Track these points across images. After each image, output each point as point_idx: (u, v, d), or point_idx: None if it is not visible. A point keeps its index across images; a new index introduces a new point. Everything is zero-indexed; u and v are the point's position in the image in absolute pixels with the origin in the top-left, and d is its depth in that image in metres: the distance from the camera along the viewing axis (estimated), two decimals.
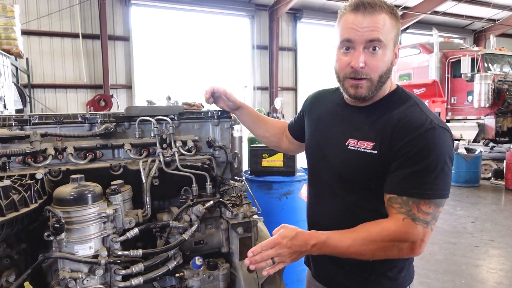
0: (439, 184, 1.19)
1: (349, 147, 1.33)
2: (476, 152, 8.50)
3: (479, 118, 10.65)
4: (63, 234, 1.27)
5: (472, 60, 10.45)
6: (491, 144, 10.68)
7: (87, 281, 1.33)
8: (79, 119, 1.67)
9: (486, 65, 10.73)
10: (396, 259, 1.35)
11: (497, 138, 10.42)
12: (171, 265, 1.50)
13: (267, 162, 3.17)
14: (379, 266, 1.34)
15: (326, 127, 1.46)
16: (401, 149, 1.21)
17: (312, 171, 1.54)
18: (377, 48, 1.23)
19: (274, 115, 14.22)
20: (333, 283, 1.46)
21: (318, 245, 1.22)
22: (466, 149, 8.89)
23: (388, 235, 1.20)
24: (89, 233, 1.35)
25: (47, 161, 1.52)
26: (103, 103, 11.73)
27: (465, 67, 10.36)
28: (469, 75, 10.34)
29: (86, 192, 1.34)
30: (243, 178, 1.93)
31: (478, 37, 19.80)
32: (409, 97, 1.33)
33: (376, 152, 1.26)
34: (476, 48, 12.06)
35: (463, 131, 10.94)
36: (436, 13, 16.41)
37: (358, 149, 1.30)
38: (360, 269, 1.37)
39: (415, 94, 1.40)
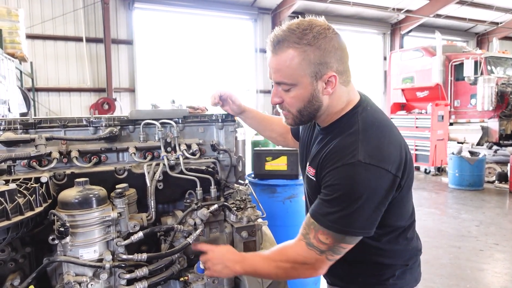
0: (343, 219, 1.15)
1: (306, 172, 1.39)
2: (480, 155, 8.46)
3: (483, 121, 10.63)
4: (67, 237, 1.27)
5: (475, 63, 10.44)
6: (495, 147, 10.64)
7: (91, 285, 1.32)
8: (84, 122, 1.67)
9: (489, 68, 10.71)
10: (388, 266, 1.37)
11: (500, 141, 10.39)
12: (176, 269, 1.49)
13: (270, 165, 3.16)
14: (367, 271, 1.38)
15: (304, 148, 1.52)
16: (323, 178, 1.22)
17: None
18: (286, 87, 1.24)
19: None
20: (331, 283, 1.52)
21: (241, 263, 1.33)
22: (469, 152, 8.84)
23: (286, 256, 1.26)
24: (93, 237, 1.35)
25: (52, 165, 1.52)
26: (106, 107, 11.79)
27: (468, 70, 10.35)
28: (472, 78, 10.33)
29: (90, 195, 1.34)
30: (247, 181, 1.92)
31: (481, 40, 19.76)
32: (354, 122, 1.24)
33: (315, 179, 1.30)
34: (479, 51, 12.05)
35: (467, 134, 10.91)
36: (438, 16, 16.39)
37: (308, 175, 1.36)
38: (349, 272, 1.41)
39: (420, 97, 1.39)
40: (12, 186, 1.21)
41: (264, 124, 1.87)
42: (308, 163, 1.38)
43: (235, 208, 1.66)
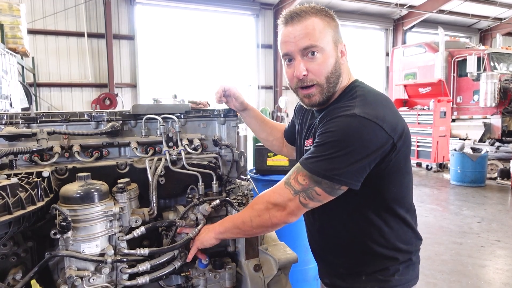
0: (324, 163, 1.17)
1: (305, 148, 1.42)
2: (482, 152, 8.44)
3: (485, 118, 10.58)
4: (69, 232, 1.27)
5: (478, 59, 10.38)
6: (497, 143, 10.61)
7: (93, 279, 1.32)
8: (86, 117, 1.66)
9: (492, 64, 10.65)
10: (392, 259, 1.36)
11: (503, 138, 10.35)
12: (177, 264, 1.49)
13: (272, 161, 3.16)
14: (370, 267, 1.37)
15: (301, 133, 1.55)
16: (319, 130, 1.25)
17: None
18: (315, 52, 1.27)
19: (278, 114, 14.20)
20: (330, 283, 1.51)
21: (219, 222, 1.44)
22: (472, 148, 8.82)
23: (262, 197, 1.29)
24: (95, 232, 1.34)
25: (54, 159, 1.51)
26: (108, 102, 11.78)
27: (471, 66, 10.30)
28: (475, 74, 10.28)
29: (92, 190, 1.34)
30: (248, 177, 1.92)
31: (484, 36, 19.66)
32: (353, 93, 1.31)
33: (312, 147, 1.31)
34: (482, 47, 11.98)
35: (469, 131, 10.88)
36: (441, 12, 16.30)
37: (306, 148, 1.39)
38: (351, 270, 1.41)
39: (422, 93, 1.43)
40: (14, 180, 1.20)
41: (264, 126, 1.88)
42: (306, 139, 1.44)
43: (237, 204, 1.65)
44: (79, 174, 1.37)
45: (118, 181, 1.48)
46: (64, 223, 1.23)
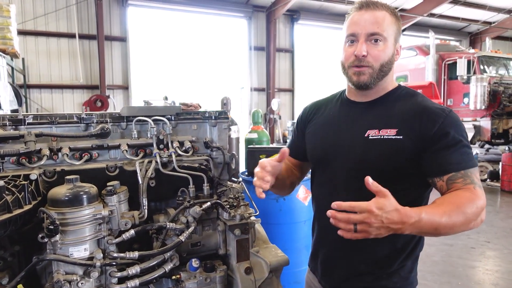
0: (472, 154, 1.31)
1: (370, 137, 1.36)
2: None
3: (475, 120, 10.70)
4: (57, 236, 1.25)
5: (468, 62, 10.49)
6: (487, 146, 10.73)
7: (82, 283, 1.30)
8: (75, 119, 1.65)
9: (482, 67, 10.78)
10: (406, 259, 1.42)
11: (492, 140, 10.47)
12: (168, 267, 1.48)
13: None
14: (390, 265, 1.39)
15: (338, 127, 1.47)
16: (436, 133, 1.28)
17: (323, 173, 1.51)
18: (378, 40, 1.35)
19: (271, 116, 14.23)
20: (344, 286, 1.45)
21: (416, 223, 1.11)
22: None
23: (476, 203, 1.21)
24: (84, 235, 1.33)
25: (42, 162, 1.50)
26: (99, 104, 11.68)
27: (461, 69, 10.40)
28: (465, 77, 10.38)
29: (81, 193, 1.32)
30: (240, 179, 1.91)
31: (474, 39, 19.90)
32: (414, 91, 1.46)
33: (401, 137, 1.31)
34: (472, 51, 12.13)
35: None
36: (432, 15, 16.47)
37: (382, 137, 1.34)
38: (372, 269, 1.40)
39: None
40: (0, 183, 1.19)
41: (285, 180, 1.65)
42: (369, 129, 1.36)
43: (228, 206, 1.65)
44: (67, 177, 1.36)
45: (108, 183, 1.46)
46: (52, 227, 1.21)
